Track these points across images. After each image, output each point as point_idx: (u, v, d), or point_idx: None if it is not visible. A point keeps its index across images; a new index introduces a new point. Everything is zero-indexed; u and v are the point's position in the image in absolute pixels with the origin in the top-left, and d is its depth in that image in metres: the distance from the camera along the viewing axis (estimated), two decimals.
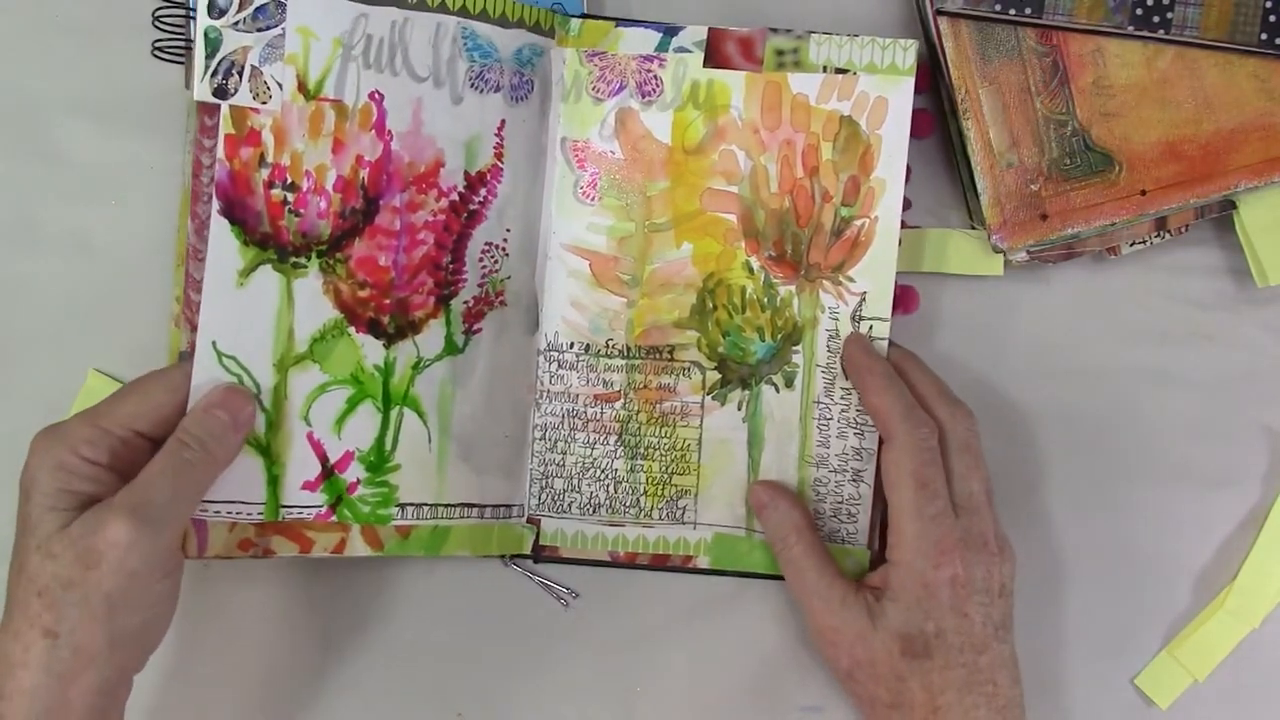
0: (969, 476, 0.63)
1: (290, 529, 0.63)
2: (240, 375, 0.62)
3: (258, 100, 0.61)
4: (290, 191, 0.62)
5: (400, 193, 0.65)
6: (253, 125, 0.61)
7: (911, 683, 0.62)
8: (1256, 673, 0.71)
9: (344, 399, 0.64)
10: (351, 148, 0.63)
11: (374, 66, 0.63)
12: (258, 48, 0.61)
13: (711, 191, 0.68)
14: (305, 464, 0.64)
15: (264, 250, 0.62)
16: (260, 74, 0.61)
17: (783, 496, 0.67)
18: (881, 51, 0.67)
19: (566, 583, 0.71)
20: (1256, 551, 0.71)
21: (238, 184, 0.61)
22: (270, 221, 0.62)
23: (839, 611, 0.63)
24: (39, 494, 0.57)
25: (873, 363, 0.65)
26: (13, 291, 0.70)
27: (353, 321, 0.64)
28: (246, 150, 0.61)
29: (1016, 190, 0.67)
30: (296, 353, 0.63)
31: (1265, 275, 0.68)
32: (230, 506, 0.62)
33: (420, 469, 0.66)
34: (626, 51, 0.68)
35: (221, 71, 0.60)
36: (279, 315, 0.62)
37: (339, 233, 0.63)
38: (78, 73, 0.70)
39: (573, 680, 0.71)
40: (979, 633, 0.62)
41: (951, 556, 0.61)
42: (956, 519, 0.62)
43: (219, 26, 0.60)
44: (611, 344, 0.69)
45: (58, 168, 0.69)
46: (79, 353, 0.69)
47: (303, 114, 0.62)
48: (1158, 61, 0.67)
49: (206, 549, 0.61)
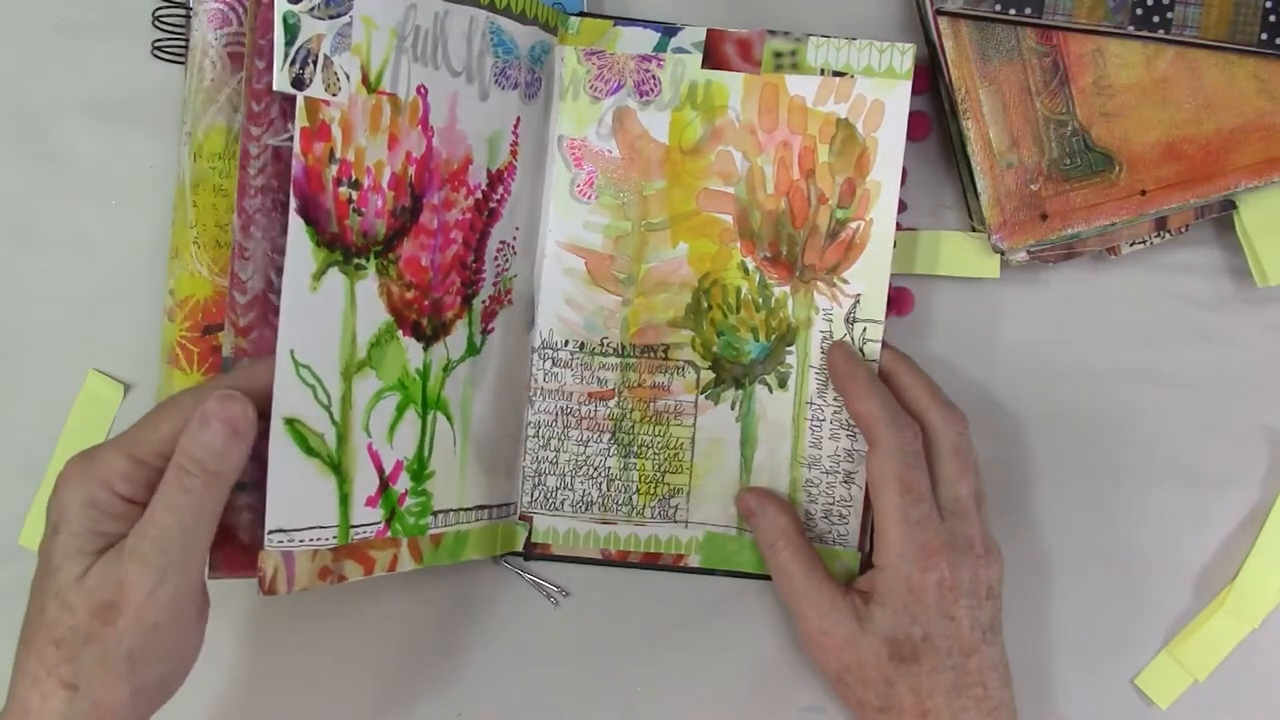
0: (957, 480, 0.63)
1: (357, 550, 0.60)
2: (314, 386, 0.57)
3: (329, 92, 0.57)
4: (354, 189, 0.58)
5: (438, 190, 0.62)
6: (323, 118, 0.57)
7: (900, 686, 0.62)
8: (1256, 673, 0.71)
9: (394, 406, 0.61)
10: (403, 144, 0.60)
11: (420, 59, 0.60)
12: (329, 36, 0.56)
13: (708, 192, 0.68)
14: (368, 479, 0.60)
15: (332, 252, 0.58)
16: (331, 64, 0.57)
17: (770, 502, 0.67)
18: (879, 55, 0.67)
19: (562, 581, 0.71)
20: (1256, 551, 0.71)
21: (311, 180, 0.56)
22: (338, 221, 0.58)
23: (828, 615, 0.63)
24: (67, 532, 0.55)
25: (855, 369, 0.65)
26: (13, 291, 0.70)
27: (400, 324, 0.61)
28: (319, 145, 0.57)
29: (1016, 190, 0.67)
30: (358, 359, 0.59)
31: (1265, 275, 0.68)
32: (310, 533, 0.57)
33: (448, 474, 0.65)
34: (625, 51, 0.68)
35: (299, 60, 0.56)
36: (345, 320, 0.59)
37: (391, 232, 0.60)
38: (78, 73, 0.70)
39: (573, 680, 0.71)
40: (967, 636, 0.62)
41: (937, 560, 0.62)
42: (943, 523, 0.62)
43: (297, 12, 0.55)
44: (606, 342, 0.69)
45: (58, 168, 0.70)
46: (79, 353, 0.70)
47: (365, 107, 0.58)
48: (1158, 61, 0.66)
49: (294, 584, 0.56)
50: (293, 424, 0.56)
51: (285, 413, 0.56)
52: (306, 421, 0.56)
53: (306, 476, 0.57)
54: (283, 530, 0.56)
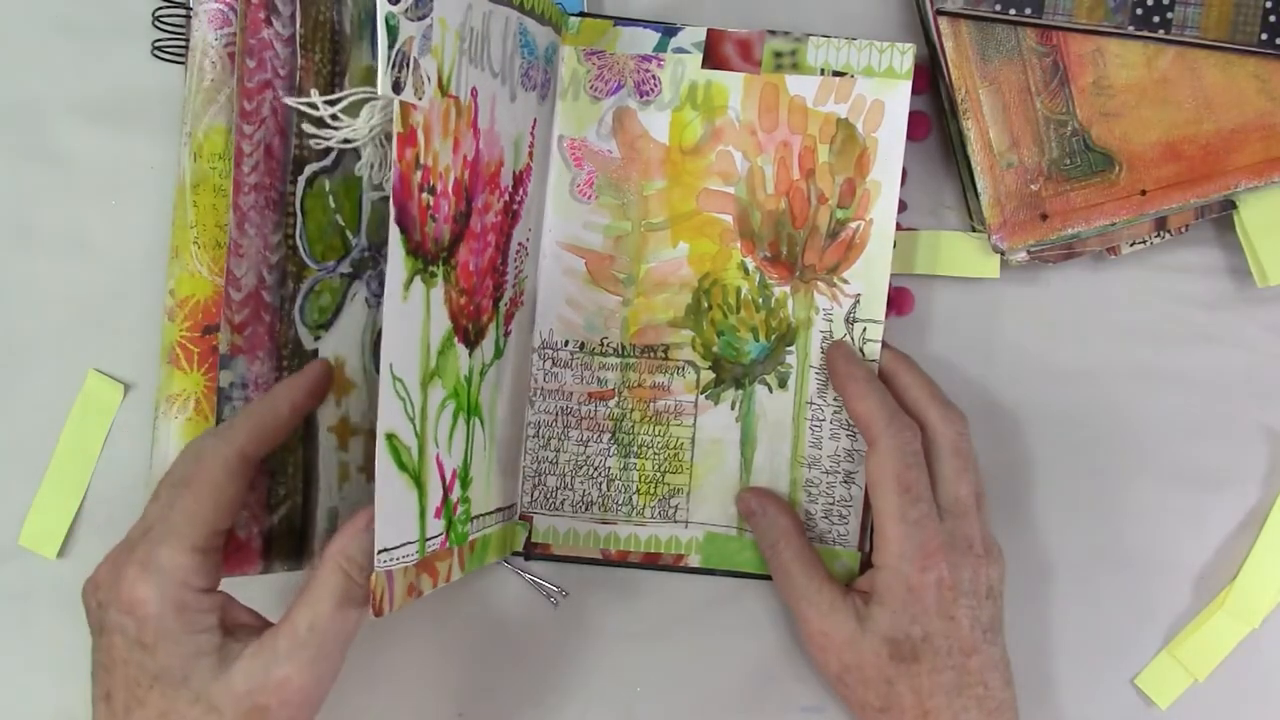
0: (957, 480, 0.63)
1: (429, 564, 0.58)
2: (404, 399, 0.55)
3: (416, 95, 0.54)
4: (432, 195, 0.56)
5: (481, 194, 0.61)
6: (412, 123, 0.54)
7: (900, 686, 0.62)
8: (1256, 673, 0.71)
9: (451, 414, 0.60)
10: (462, 147, 0.58)
11: (474, 61, 0.59)
12: (418, 38, 0.54)
13: (708, 192, 0.68)
14: (436, 490, 0.58)
15: (416, 260, 0.55)
16: (419, 67, 0.54)
17: (771, 502, 0.68)
18: (879, 55, 0.67)
19: (562, 581, 0.71)
20: (1256, 551, 0.71)
21: (404, 187, 0.54)
22: (419, 228, 0.55)
23: (828, 616, 0.63)
24: (173, 642, 0.54)
25: (854, 369, 0.65)
26: (13, 292, 0.70)
27: (456, 331, 0.60)
28: (409, 151, 0.54)
29: (1016, 190, 0.67)
30: (430, 369, 0.57)
31: (1265, 275, 0.68)
32: (401, 551, 0.55)
33: (481, 479, 0.64)
34: (625, 51, 0.68)
35: (398, 63, 0.53)
36: (423, 329, 0.57)
37: (453, 238, 0.59)
38: (78, 73, 0.70)
39: (574, 680, 0.71)
40: (967, 636, 0.62)
41: (936, 560, 0.62)
42: (942, 523, 0.62)
43: (396, 14, 0.52)
44: (606, 342, 0.69)
45: (57, 168, 0.70)
46: (79, 353, 0.70)
47: (439, 111, 0.56)
48: (1158, 61, 0.67)
49: (394, 603, 0.54)
50: (391, 439, 0.54)
51: (387, 428, 0.53)
52: (400, 436, 0.55)
53: (400, 492, 0.55)
54: (387, 550, 0.54)
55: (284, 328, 0.62)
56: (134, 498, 0.68)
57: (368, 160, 0.64)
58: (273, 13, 0.61)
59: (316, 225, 0.63)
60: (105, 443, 0.70)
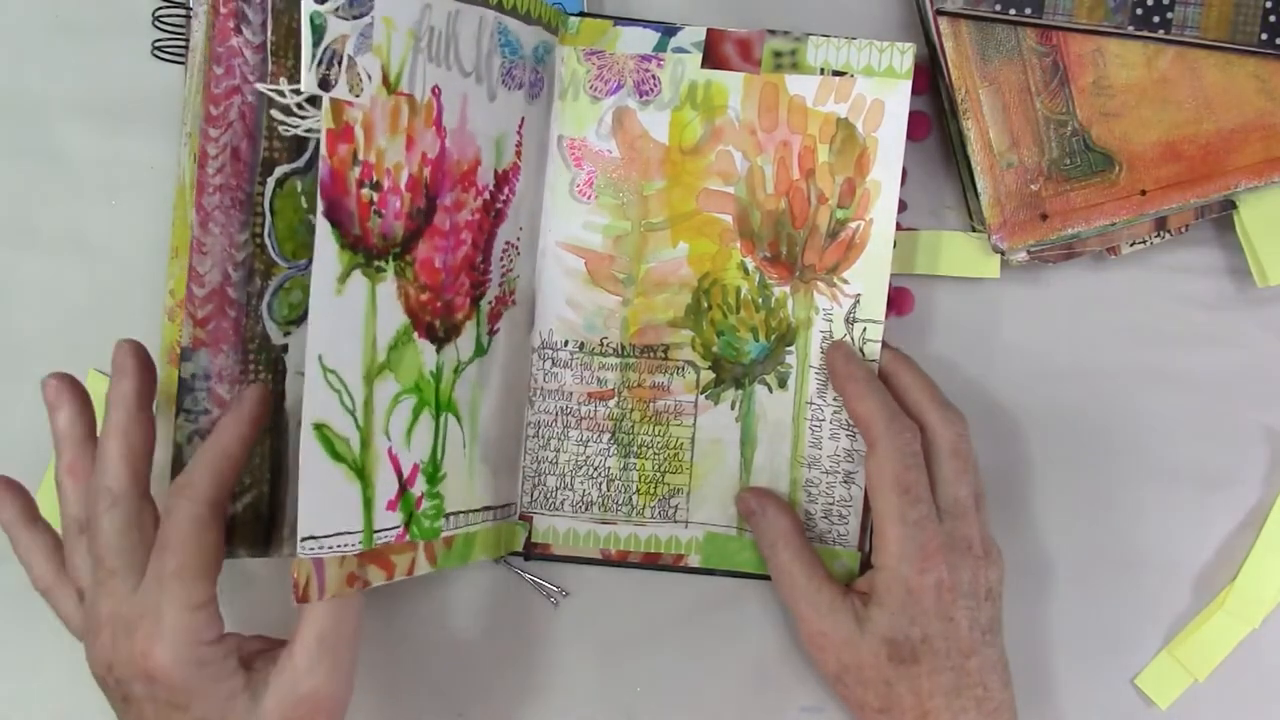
0: (956, 481, 0.63)
1: (379, 555, 0.59)
2: (340, 391, 0.56)
3: (352, 93, 0.55)
4: (375, 190, 0.57)
5: (450, 192, 0.62)
6: (347, 120, 0.55)
7: (899, 688, 0.62)
8: (1256, 673, 0.71)
9: (410, 409, 0.61)
10: (419, 145, 0.59)
11: (435, 60, 0.60)
12: (353, 37, 0.55)
13: (708, 192, 0.68)
14: (388, 483, 0.59)
15: (355, 254, 0.56)
16: (355, 65, 0.55)
17: (771, 502, 0.67)
18: (879, 54, 0.67)
19: (562, 581, 0.71)
20: (1256, 551, 0.71)
21: (336, 183, 0.55)
22: (360, 223, 0.57)
23: (827, 616, 0.63)
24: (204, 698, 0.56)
25: (854, 369, 0.65)
26: (12, 291, 0.70)
27: (416, 327, 0.61)
28: (343, 146, 0.55)
29: (1016, 190, 0.67)
30: (379, 362, 0.59)
31: (1265, 275, 0.68)
32: (338, 539, 0.56)
33: (458, 476, 0.65)
34: (624, 51, 0.68)
35: (325, 61, 0.54)
36: (366, 323, 0.58)
37: (408, 234, 0.60)
38: (78, 73, 0.70)
39: (574, 680, 0.71)
40: (966, 637, 0.62)
41: (935, 561, 0.62)
42: (941, 524, 0.62)
43: (323, 12, 0.54)
44: (606, 342, 0.69)
45: (57, 168, 0.70)
46: (79, 353, 0.70)
47: (385, 108, 0.57)
48: (1158, 61, 0.66)
49: (325, 590, 0.56)
50: (321, 429, 0.55)
51: (314, 418, 0.55)
52: (333, 426, 0.56)
53: (334, 482, 0.56)
54: (314, 537, 0.55)
55: (251, 323, 0.64)
56: None
57: None
58: (243, 21, 0.63)
59: (287, 224, 0.65)
60: None
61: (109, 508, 0.58)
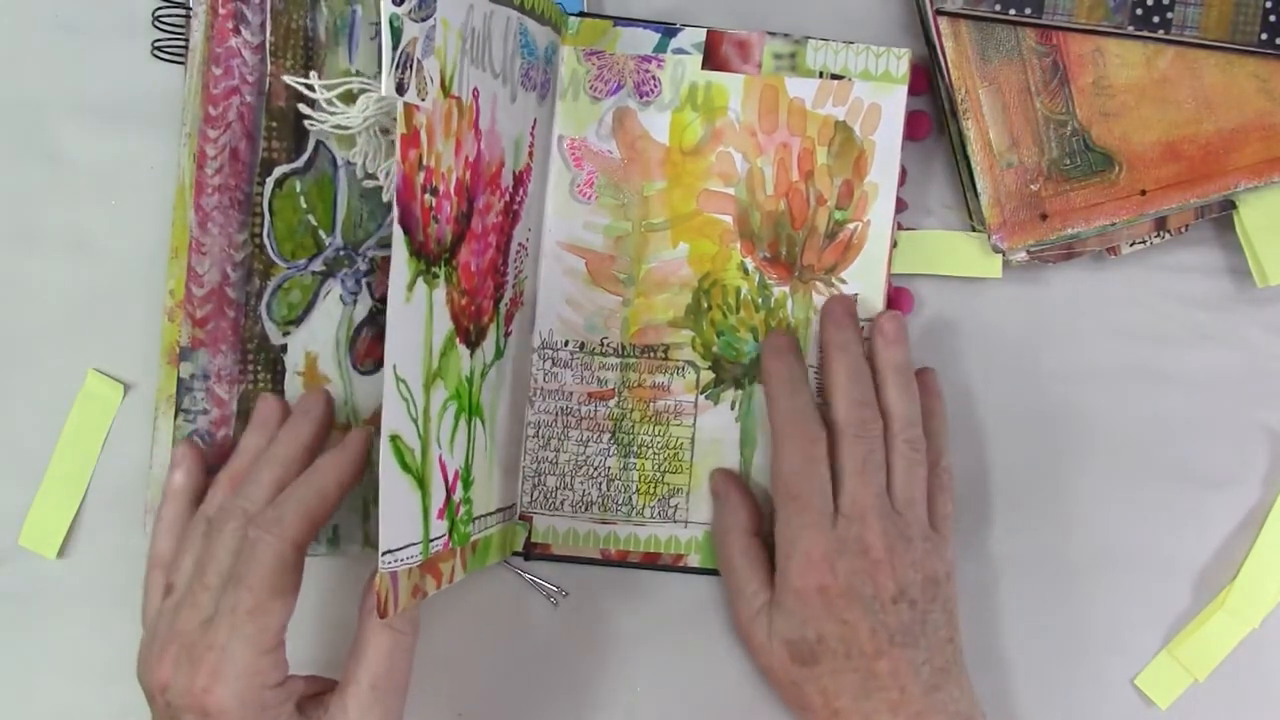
0: (857, 482, 0.62)
1: (433, 565, 0.58)
2: (408, 400, 0.54)
3: (419, 96, 0.53)
4: (434, 196, 0.55)
5: (482, 194, 0.61)
6: (415, 124, 0.53)
7: (806, 688, 0.62)
8: (1256, 673, 0.71)
9: (453, 415, 0.59)
10: (464, 148, 0.58)
11: (475, 62, 0.58)
12: (421, 39, 0.53)
13: (708, 193, 0.68)
14: (439, 490, 0.58)
15: (419, 261, 0.55)
16: (422, 68, 0.53)
17: (735, 491, 0.68)
18: (876, 59, 0.67)
19: (562, 581, 0.71)
20: (1256, 551, 0.71)
21: (407, 189, 0.53)
22: (423, 229, 0.55)
23: (752, 619, 0.64)
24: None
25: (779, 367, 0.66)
26: (12, 291, 0.70)
27: (458, 332, 0.59)
28: (413, 152, 0.53)
29: (1016, 190, 0.67)
30: (433, 370, 0.57)
31: (1265, 275, 0.68)
32: (405, 552, 0.55)
33: (483, 479, 0.64)
34: (624, 51, 0.68)
35: (401, 65, 0.52)
36: (425, 330, 0.56)
37: (455, 238, 0.58)
38: (78, 73, 0.70)
39: (574, 680, 0.71)
40: (867, 640, 0.61)
41: (818, 566, 0.61)
42: (834, 528, 0.62)
43: (400, 14, 0.52)
44: (606, 342, 0.69)
45: (57, 168, 0.70)
46: (78, 353, 0.70)
47: (441, 112, 0.55)
48: (1158, 61, 0.66)
49: (398, 604, 0.54)
50: (395, 441, 0.54)
51: (390, 430, 0.53)
52: (404, 438, 0.54)
53: (404, 493, 0.55)
54: (392, 551, 0.53)
55: (249, 323, 0.65)
56: (134, 498, 0.68)
57: (361, 149, 0.65)
58: (241, 22, 0.63)
59: (286, 225, 0.66)
60: (105, 443, 0.70)
61: (236, 527, 0.58)
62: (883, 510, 0.62)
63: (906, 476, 0.63)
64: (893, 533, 0.62)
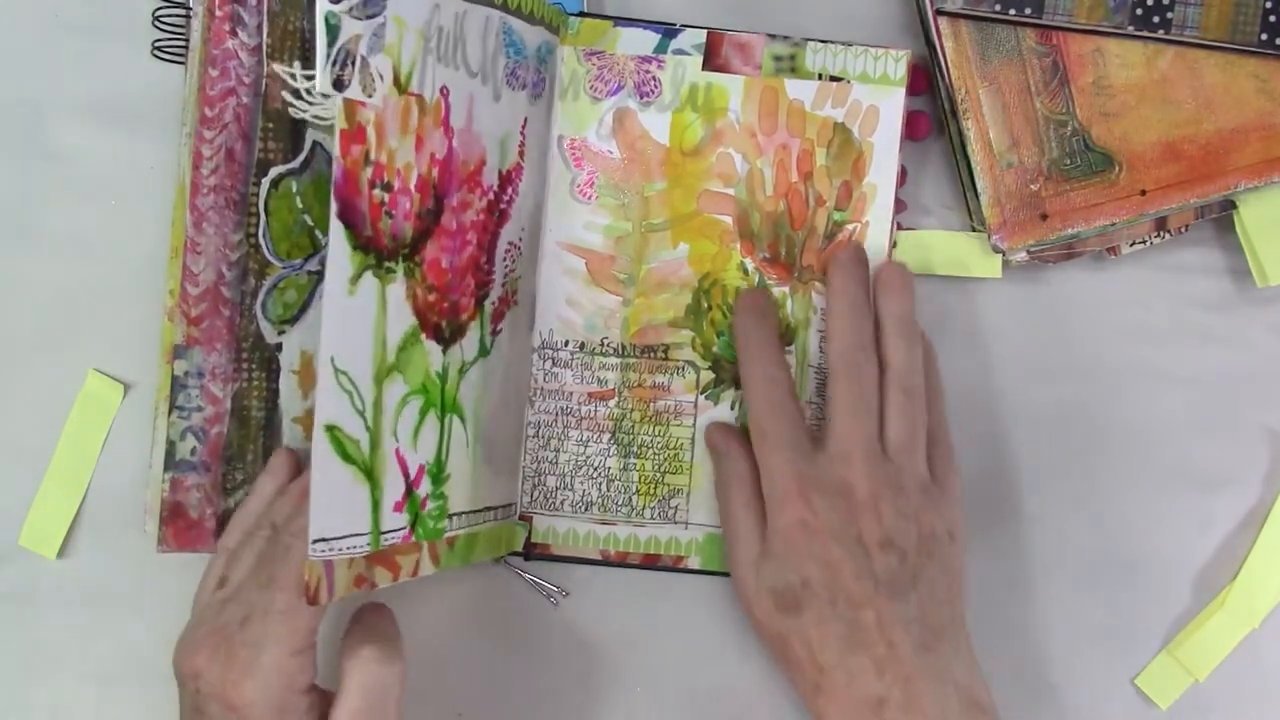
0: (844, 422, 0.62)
1: (386, 557, 0.58)
2: (351, 392, 0.55)
3: (365, 93, 0.54)
4: (386, 191, 0.56)
5: (456, 192, 0.61)
6: (360, 120, 0.54)
7: (792, 640, 0.60)
8: (1256, 673, 0.71)
9: (417, 409, 0.60)
10: (428, 145, 0.59)
11: (443, 60, 0.59)
12: (366, 36, 0.54)
13: (708, 193, 0.68)
14: (395, 484, 0.59)
15: (366, 255, 0.56)
16: (368, 65, 0.54)
17: (735, 444, 0.67)
18: (874, 62, 0.67)
19: (562, 581, 0.71)
20: (1256, 551, 0.71)
21: (349, 183, 0.54)
22: (371, 224, 0.56)
23: (746, 571, 0.63)
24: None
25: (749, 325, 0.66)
26: (12, 291, 0.70)
27: (424, 327, 0.60)
28: (356, 147, 0.54)
29: (1016, 190, 0.67)
30: (388, 364, 0.58)
31: (1265, 275, 0.68)
32: (347, 541, 0.55)
33: (461, 476, 0.64)
34: (625, 52, 0.68)
35: (339, 61, 0.53)
36: (376, 324, 0.57)
37: (416, 234, 0.59)
38: (78, 73, 0.70)
39: (574, 680, 0.71)
40: (852, 585, 0.59)
41: (794, 500, 0.60)
42: (812, 465, 0.61)
43: (338, 13, 0.53)
44: (606, 342, 0.69)
45: (57, 168, 0.69)
46: (78, 353, 0.69)
47: (396, 109, 0.56)
48: (1158, 61, 0.67)
49: (334, 592, 0.55)
50: (332, 431, 0.55)
51: (326, 420, 0.54)
52: (344, 428, 0.55)
53: (344, 484, 0.56)
54: (324, 539, 0.54)
55: (245, 322, 0.66)
56: (134, 498, 0.68)
57: None
58: (238, 24, 0.64)
59: (281, 225, 0.67)
60: (105, 442, 0.70)
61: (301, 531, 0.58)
62: (869, 452, 0.61)
63: (901, 424, 0.62)
64: (879, 477, 0.61)
